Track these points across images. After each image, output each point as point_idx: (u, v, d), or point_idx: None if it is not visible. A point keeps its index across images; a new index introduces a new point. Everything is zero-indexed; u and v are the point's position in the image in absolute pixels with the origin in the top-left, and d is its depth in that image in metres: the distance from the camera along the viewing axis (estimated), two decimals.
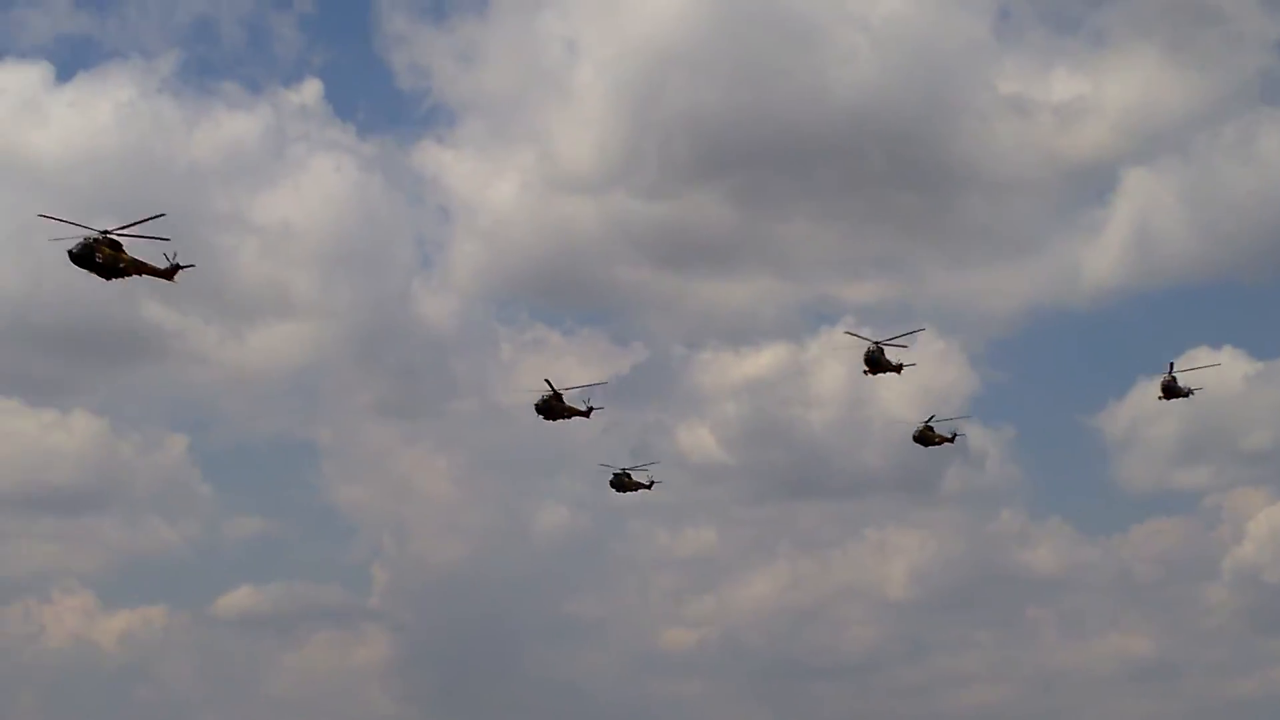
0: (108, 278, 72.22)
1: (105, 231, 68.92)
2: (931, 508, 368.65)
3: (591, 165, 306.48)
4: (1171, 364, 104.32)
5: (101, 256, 69.79)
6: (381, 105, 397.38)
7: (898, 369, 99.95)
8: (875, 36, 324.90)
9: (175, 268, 76.20)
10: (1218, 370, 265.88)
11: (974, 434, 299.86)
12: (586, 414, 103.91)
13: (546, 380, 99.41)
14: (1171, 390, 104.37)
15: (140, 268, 73.72)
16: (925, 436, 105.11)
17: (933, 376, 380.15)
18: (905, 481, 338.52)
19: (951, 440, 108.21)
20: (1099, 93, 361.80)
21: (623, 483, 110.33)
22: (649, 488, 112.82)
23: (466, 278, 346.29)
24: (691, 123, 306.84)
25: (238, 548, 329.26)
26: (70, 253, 68.74)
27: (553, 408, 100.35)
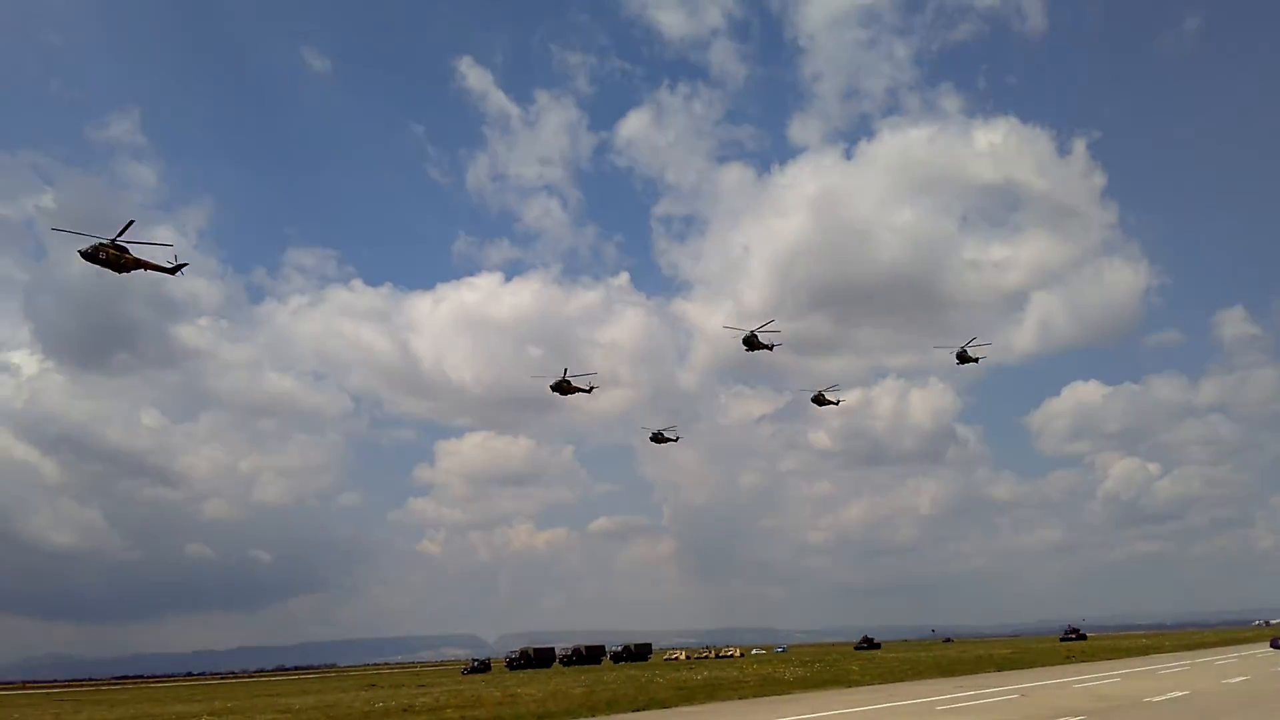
0: (119, 272, 73.82)
1: (113, 239, 71.02)
2: (941, 467, 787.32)
3: (759, 306, 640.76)
4: (972, 339, 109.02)
5: (105, 255, 70.98)
6: (656, 283, 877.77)
7: (770, 348, 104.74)
8: (899, 233, 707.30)
9: (178, 267, 78.47)
10: (1089, 391, 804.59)
11: (961, 430, 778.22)
12: (589, 391, 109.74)
13: (565, 369, 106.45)
14: (963, 357, 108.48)
15: (145, 265, 74.76)
16: (818, 399, 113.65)
17: (937, 401, 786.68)
18: (926, 455, 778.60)
19: (837, 404, 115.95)
20: (1017, 254, 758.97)
21: (660, 438, 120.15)
22: (676, 440, 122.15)
23: (701, 365, 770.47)
24: (808, 282, 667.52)
25: (599, 499, 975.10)
26: (80, 252, 70.57)
27: (563, 387, 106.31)
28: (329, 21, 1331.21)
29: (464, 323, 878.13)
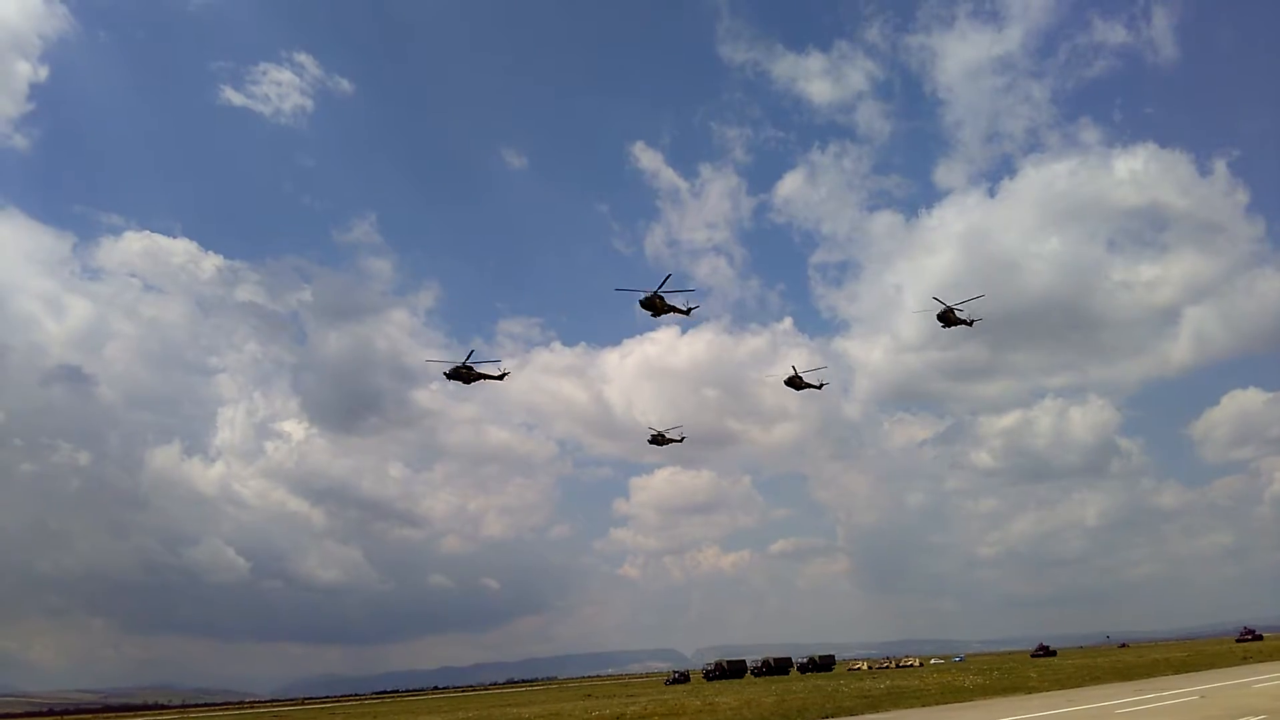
0: None
1: None
2: (1105, 480, 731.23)
3: (915, 338, 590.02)
4: (966, 304, 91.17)
5: None
6: (817, 325, 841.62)
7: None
8: (1047, 260, 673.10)
9: None
10: (1249, 398, 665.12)
11: (1123, 443, 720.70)
12: (500, 378, 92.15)
13: (470, 353, 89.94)
14: (948, 319, 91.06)
15: None
16: (794, 382, 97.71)
17: (1097, 417, 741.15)
18: (1089, 468, 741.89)
19: (819, 387, 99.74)
20: (1167, 272, 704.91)
21: (660, 439, 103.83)
22: (680, 441, 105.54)
23: (863, 395, 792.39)
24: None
25: (776, 523, 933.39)
26: None
27: (463, 374, 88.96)
28: (522, 125, 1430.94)
29: (648, 372, 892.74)
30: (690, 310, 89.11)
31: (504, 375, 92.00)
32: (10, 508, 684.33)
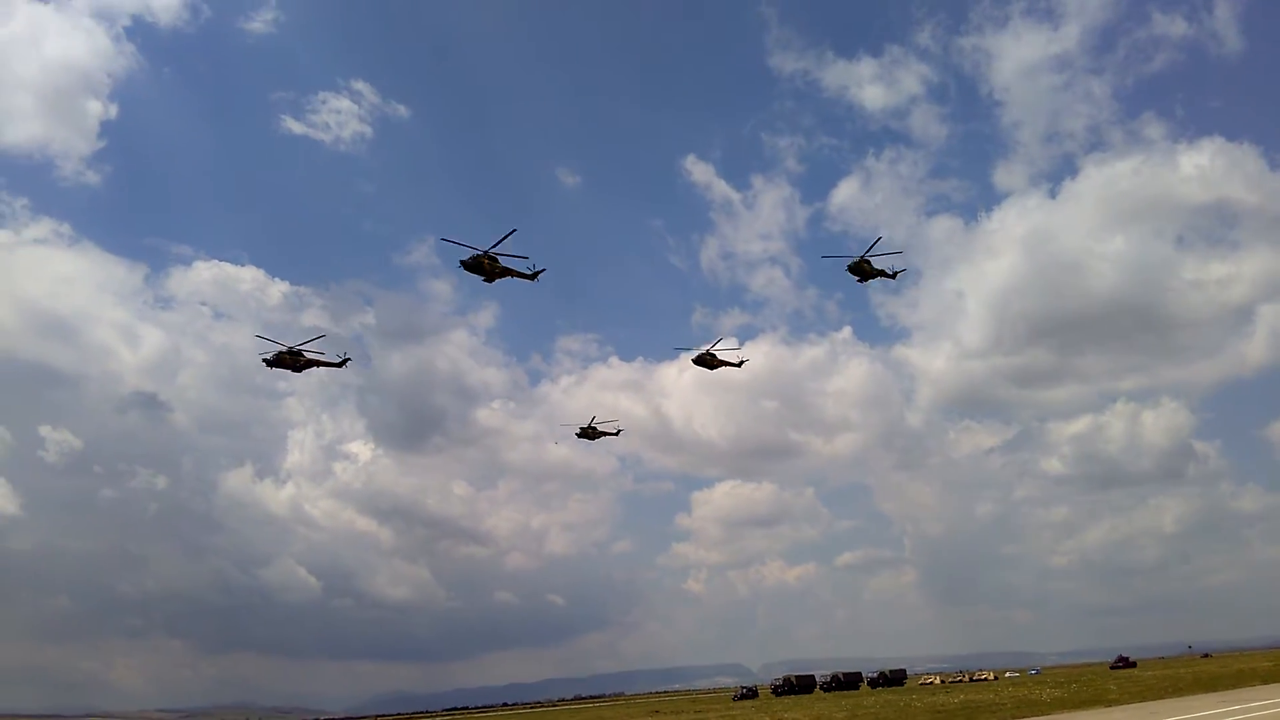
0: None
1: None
2: (1182, 486, 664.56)
3: (978, 344, 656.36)
4: (876, 241, 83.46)
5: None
6: (877, 333, 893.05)
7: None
8: (1112, 260, 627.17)
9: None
10: None
11: (1199, 446, 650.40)
12: (340, 365, 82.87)
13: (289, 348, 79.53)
14: (864, 272, 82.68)
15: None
16: (705, 360, 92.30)
17: (1170, 420, 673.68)
18: (1165, 473, 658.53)
19: (739, 365, 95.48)
20: (1239, 270, 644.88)
21: (591, 433, 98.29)
22: (615, 434, 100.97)
23: (926, 404, 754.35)
24: (1025, 317, 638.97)
25: (842, 535, 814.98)
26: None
27: (288, 361, 79.38)
28: (574, 142, 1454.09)
29: (706, 385, 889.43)
30: (536, 275, 75.94)
31: (344, 362, 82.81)
32: (92, 532, 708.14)
